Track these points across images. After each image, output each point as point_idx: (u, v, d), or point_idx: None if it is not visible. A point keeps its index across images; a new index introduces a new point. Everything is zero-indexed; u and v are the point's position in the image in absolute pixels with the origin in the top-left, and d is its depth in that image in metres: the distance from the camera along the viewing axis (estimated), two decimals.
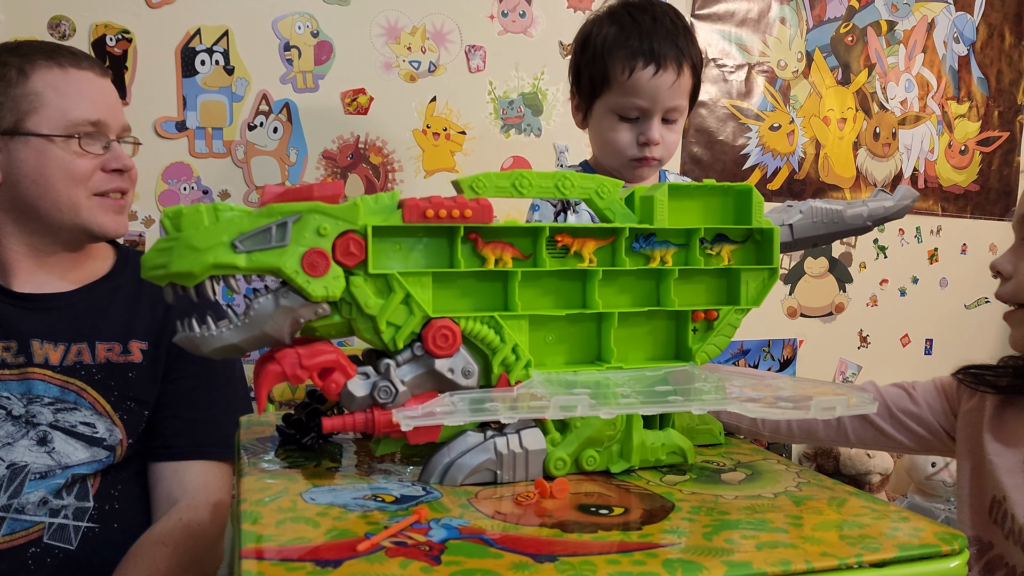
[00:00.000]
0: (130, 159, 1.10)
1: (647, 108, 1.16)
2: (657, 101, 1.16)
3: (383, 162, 1.68)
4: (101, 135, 1.07)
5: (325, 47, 1.62)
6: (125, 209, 1.11)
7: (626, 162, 1.20)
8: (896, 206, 0.99)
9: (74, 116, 1.04)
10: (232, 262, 0.61)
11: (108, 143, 1.08)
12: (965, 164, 2.34)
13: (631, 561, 0.52)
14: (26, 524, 1.01)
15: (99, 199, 1.08)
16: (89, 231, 1.08)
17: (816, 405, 0.64)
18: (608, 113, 1.19)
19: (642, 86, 1.15)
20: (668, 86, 1.15)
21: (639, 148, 1.18)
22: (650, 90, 1.15)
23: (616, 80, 1.16)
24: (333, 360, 0.65)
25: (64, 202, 1.05)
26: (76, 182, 1.05)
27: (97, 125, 1.06)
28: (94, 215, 1.07)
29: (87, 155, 1.06)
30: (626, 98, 1.16)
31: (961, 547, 0.57)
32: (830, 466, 2.06)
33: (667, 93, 1.16)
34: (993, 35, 2.33)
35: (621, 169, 1.21)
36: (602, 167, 1.25)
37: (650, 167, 1.20)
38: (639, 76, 1.15)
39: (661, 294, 0.76)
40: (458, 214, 0.67)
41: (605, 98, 1.19)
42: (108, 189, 1.08)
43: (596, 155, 1.27)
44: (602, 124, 1.20)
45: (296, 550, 0.52)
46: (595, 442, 0.71)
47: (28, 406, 1.04)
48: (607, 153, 1.22)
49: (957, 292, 2.37)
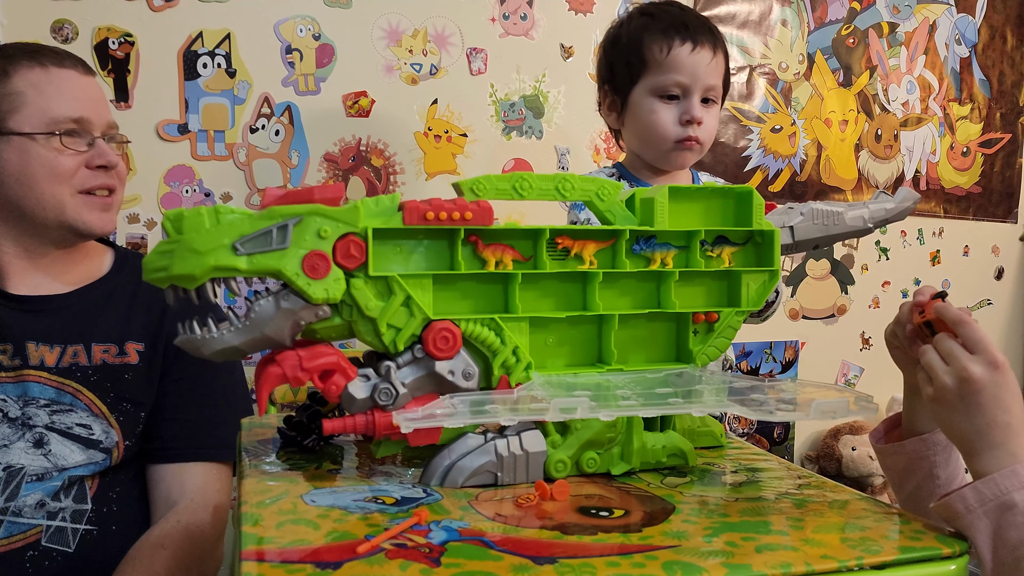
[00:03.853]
0: (115, 155, 1.09)
1: (687, 84, 1.17)
2: (697, 77, 1.17)
3: (384, 164, 1.69)
4: (85, 132, 1.06)
5: (327, 50, 1.63)
6: (112, 207, 1.10)
7: (670, 146, 1.19)
8: (897, 208, 0.99)
9: (55, 114, 1.04)
10: (233, 264, 0.61)
11: (92, 140, 1.07)
12: (967, 166, 2.33)
13: (631, 563, 0.52)
14: (24, 527, 1.01)
15: (84, 196, 1.07)
16: (75, 229, 1.07)
17: (816, 408, 0.64)
18: (648, 96, 1.20)
19: (682, 61, 1.17)
20: (706, 63, 1.18)
21: (682, 127, 1.18)
22: (690, 65, 1.17)
23: (654, 60, 1.18)
24: (334, 362, 0.66)
25: (48, 200, 1.05)
26: (59, 179, 1.05)
27: (80, 122, 1.06)
28: (79, 213, 1.06)
29: (69, 152, 1.05)
30: (666, 75, 1.18)
31: (961, 550, 0.57)
32: (832, 468, 2.05)
33: (705, 70, 1.18)
34: (995, 37, 2.33)
35: (663, 157, 1.22)
36: (640, 163, 1.25)
37: (692, 151, 1.20)
38: (678, 52, 1.17)
39: (662, 296, 0.76)
40: (459, 216, 0.67)
41: (644, 81, 1.20)
42: (93, 186, 1.07)
43: (634, 150, 1.26)
44: (642, 109, 1.20)
45: (297, 552, 0.52)
46: (595, 444, 0.71)
47: (24, 408, 1.03)
48: (649, 141, 1.22)
49: (959, 294, 2.37)
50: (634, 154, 1.27)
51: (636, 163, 1.26)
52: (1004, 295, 2.45)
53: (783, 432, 2.14)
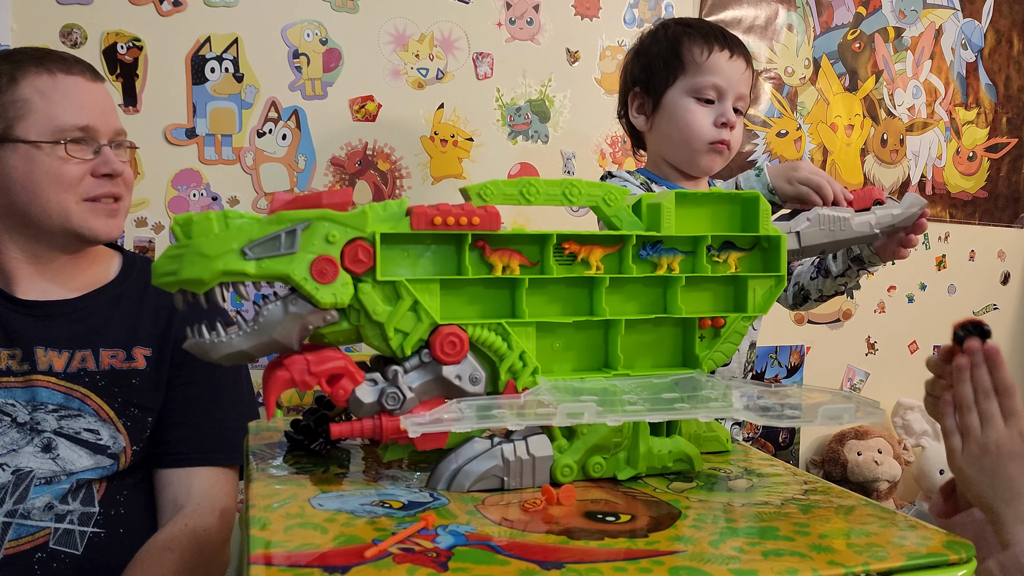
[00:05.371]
0: (121, 163, 1.09)
1: (724, 89, 1.20)
2: (733, 83, 1.20)
3: (391, 169, 1.69)
4: (91, 140, 1.06)
5: (334, 54, 1.63)
6: (119, 213, 1.10)
7: (704, 147, 1.21)
8: (904, 214, 0.99)
9: (61, 121, 1.04)
10: (242, 269, 0.62)
11: (99, 147, 1.07)
12: (973, 170, 2.33)
13: (638, 568, 0.52)
14: (32, 529, 1.01)
15: (90, 204, 1.07)
16: (80, 236, 1.07)
17: (822, 413, 0.64)
18: (684, 96, 1.21)
19: (721, 66, 1.20)
20: (741, 71, 1.21)
21: (717, 130, 1.20)
22: (728, 71, 1.20)
23: (694, 62, 1.21)
24: (341, 367, 0.66)
25: (53, 207, 1.05)
26: (64, 187, 1.05)
27: (86, 130, 1.05)
28: (84, 220, 1.06)
29: (75, 160, 1.05)
30: (704, 77, 1.20)
31: (969, 556, 0.57)
32: (837, 473, 2.05)
33: (740, 78, 1.21)
34: (1001, 41, 2.32)
35: (693, 159, 1.23)
36: (667, 167, 1.26)
37: (722, 155, 1.23)
38: (717, 57, 1.20)
39: (668, 301, 0.76)
40: (466, 221, 0.67)
41: (681, 81, 1.22)
42: (98, 194, 1.07)
43: (661, 153, 1.27)
44: (677, 109, 1.22)
45: (304, 556, 0.52)
46: (602, 449, 0.71)
47: (33, 413, 1.04)
48: (680, 142, 1.23)
49: (965, 299, 2.36)
50: (660, 158, 1.27)
51: (662, 167, 1.27)
52: (1010, 300, 2.44)
53: (788, 437, 2.13)
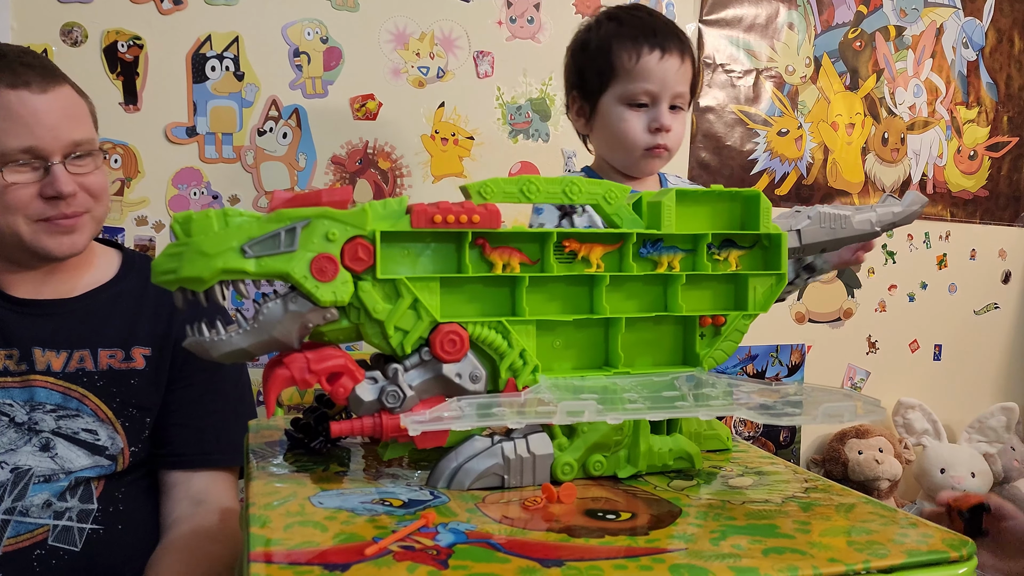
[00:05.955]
0: (69, 183, 1.01)
1: (656, 92, 1.18)
2: (666, 85, 1.18)
3: (391, 167, 1.69)
4: (38, 159, 1.00)
5: (334, 53, 1.63)
6: (78, 228, 1.04)
7: (639, 153, 1.20)
8: (905, 212, 0.98)
9: (2, 146, 0.97)
10: (241, 267, 0.62)
11: (48, 166, 1.00)
12: (974, 169, 2.33)
13: (638, 566, 0.52)
14: (31, 526, 1.01)
15: (43, 223, 1.02)
16: (37, 255, 1.04)
17: (823, 411, 0.64)
18: (616, 104, 1.20)
19: (651, 70, 1.17)
20: (675, 70, 1.18)
21: (652, 135, 1.18)
22: (659, 73, 1.17)
23: (623, 68, 1.18)
24: (341, 365, 0.66)
25: (4, 229, 1.01)
26: (11, 211, 1.00)
27: (31, 151, 0.99)
28: (37, 240, 1.02)
29: (18, 184, 0.99)
30: (635, 84, 1.18)
31: (969, 553, 0.57)
32: (838, 472, 2.05)
33: (674, 77, 1.18)
34: (1002, 40, 2.32)
35: (633, 164, 1.22)
36: (608, 168, 1.25)
37: (661, 158, 1.21)
38: (647, 60, 1.17)
39: (668, 299, 0.76)
40: (466, 219, 0.67)
41: (612, 89, 1.20)
42: (49, 216, 1.01)
43: (602, 155, 1.27)
44: (611, 117, 1.21)
45: (304, 554, 0.52)
46: (602, 447, 0.71)
47: (31, 413, 1.04)
48: (617, 148, 1.22)
49: (966, 298, 2.36)
50: (602, 159, 1.27)
51: (604, 167, 1.27)
52: (1011, 299, 2.44)
53: (789, 436, 2.13)
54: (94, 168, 1.05)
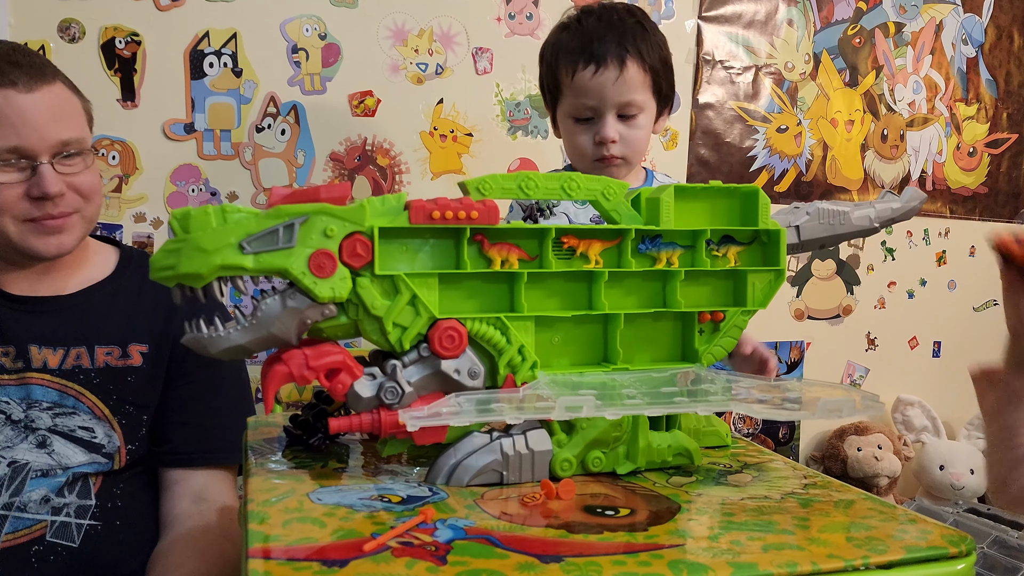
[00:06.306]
0: (56, 184, 0.99)
1: (596, 107, 1.17)
2: (604, 98, 1.16)
3: (390, 164, 1.69)
4: (25, 159, 0.99)
5: (333, 49, 1.63)
6: (66, 228, 1.03)
7: (590, 164, 1.21)
8: (903, 208, 0.98)
9: None
10: (240, 263, 0.62)
11: (35, 166, 0.99)
12: (973, 166, 2.33)
13: (637, 562, 0.52)
14: (28, 522, 1.01)
15: (30, 223, 1.01)
16: (25, 255, 1.03)
17: (822, 407, 0.64)
18: (566, 118, 1.21)
19: (586, 86, 1.16)
20: (612, 83, 1.15)
21: (596, 148, 1.18)
22: (595, 88, 1.16)
23: (564, 84, 1.19)
24: (340, 361, 0.66)
25: None
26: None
27: (17, 151, 0.98)
28: (25, 240, 1.01)
29: (4, 184, 0.98)
30: (576, 100, 1.18)
31: (968, 549, 0.57)
32: (837, 469, 2.05)
33: (613, 90, 1.16)
34: (1002, 37, 2.32)
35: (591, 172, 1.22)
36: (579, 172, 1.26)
37: (615, 166, 1.20)
38: (581, 76, 1.16)
39: (667, 295, 0.76)
40: (464, 215, 0.67)
41: (561, 104, 1.22)
42: (36, 216, 1.00)
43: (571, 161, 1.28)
44: (564, 130, 1.23)
45: (303, 550, 0.52)
46: (601, 443, 0.71)
47: (27, 411, 1.03)
48: (574, 158, 1.25)
49: (965, 294, 2.36)
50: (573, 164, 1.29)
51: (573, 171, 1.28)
52: None
53: (788, 432, 2.13)
54: (84, 168, 1.04)
